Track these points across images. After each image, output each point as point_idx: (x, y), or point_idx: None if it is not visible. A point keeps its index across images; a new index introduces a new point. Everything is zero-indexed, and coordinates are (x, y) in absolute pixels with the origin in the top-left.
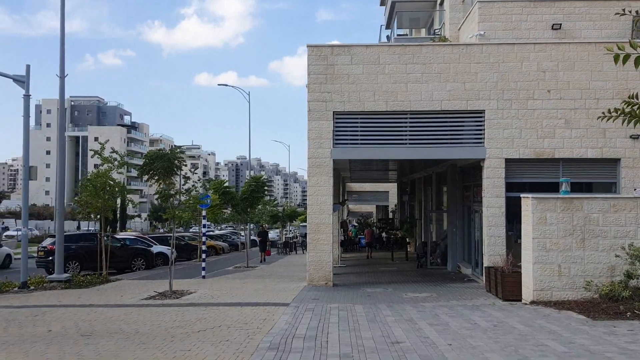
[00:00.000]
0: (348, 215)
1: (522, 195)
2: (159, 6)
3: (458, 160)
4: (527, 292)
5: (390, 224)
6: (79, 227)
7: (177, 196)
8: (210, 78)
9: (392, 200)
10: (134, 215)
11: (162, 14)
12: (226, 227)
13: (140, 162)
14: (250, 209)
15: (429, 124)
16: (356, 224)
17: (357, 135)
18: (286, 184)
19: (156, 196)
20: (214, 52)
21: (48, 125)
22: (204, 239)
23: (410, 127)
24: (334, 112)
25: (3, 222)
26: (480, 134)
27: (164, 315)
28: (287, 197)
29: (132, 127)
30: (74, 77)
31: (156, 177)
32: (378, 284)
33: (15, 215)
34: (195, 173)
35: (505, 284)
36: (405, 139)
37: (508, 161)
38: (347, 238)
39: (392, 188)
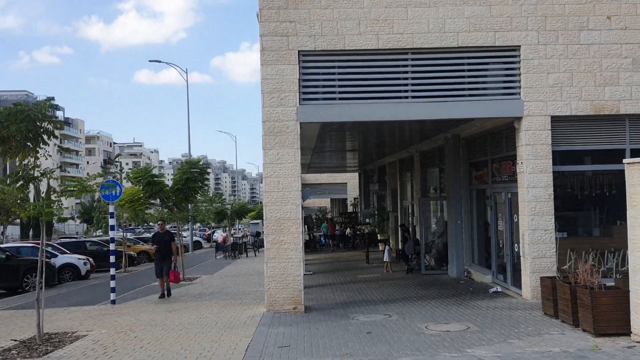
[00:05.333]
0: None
1: (627, 160)
2: (96, 0)
3: (481, 120)
4: None
5: (354, 219)
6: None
7: (46, 178)
8: (151, 75)
9: (351, 193)
10: (67, 218)
11: (98, 9)
12: (171, 227)
13: (76, 161)
14: (185, 203)
15: (440, 67)
16: (315, 219)
17: (334, 86)
18: (234, 181)
19: (11, 181)
20: (154, 49)
21: None
22: (111, 246)
23: (413, 72)
24: (299, 51)
25: None
26: (514, 81)
27: None
28: (235, 195)
29: (65, 122)
30: (6, 75)
31: (11, 151)
32: (370, 305)
33: None
34: (117, 161)
35: (599, 308)
36: (407, 91)
37: (555, 120)
38: (312, 237)
39: (350, 179)
